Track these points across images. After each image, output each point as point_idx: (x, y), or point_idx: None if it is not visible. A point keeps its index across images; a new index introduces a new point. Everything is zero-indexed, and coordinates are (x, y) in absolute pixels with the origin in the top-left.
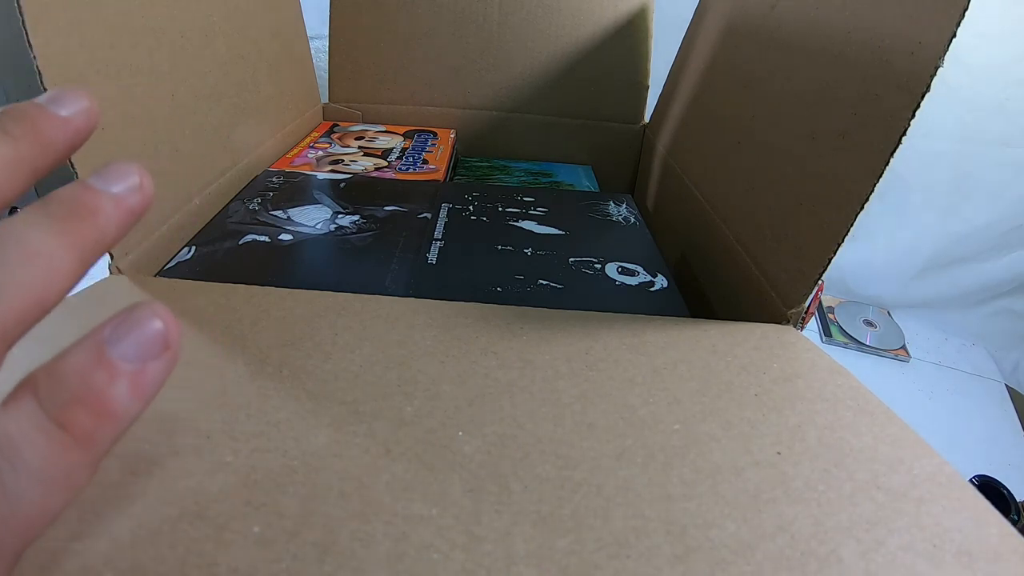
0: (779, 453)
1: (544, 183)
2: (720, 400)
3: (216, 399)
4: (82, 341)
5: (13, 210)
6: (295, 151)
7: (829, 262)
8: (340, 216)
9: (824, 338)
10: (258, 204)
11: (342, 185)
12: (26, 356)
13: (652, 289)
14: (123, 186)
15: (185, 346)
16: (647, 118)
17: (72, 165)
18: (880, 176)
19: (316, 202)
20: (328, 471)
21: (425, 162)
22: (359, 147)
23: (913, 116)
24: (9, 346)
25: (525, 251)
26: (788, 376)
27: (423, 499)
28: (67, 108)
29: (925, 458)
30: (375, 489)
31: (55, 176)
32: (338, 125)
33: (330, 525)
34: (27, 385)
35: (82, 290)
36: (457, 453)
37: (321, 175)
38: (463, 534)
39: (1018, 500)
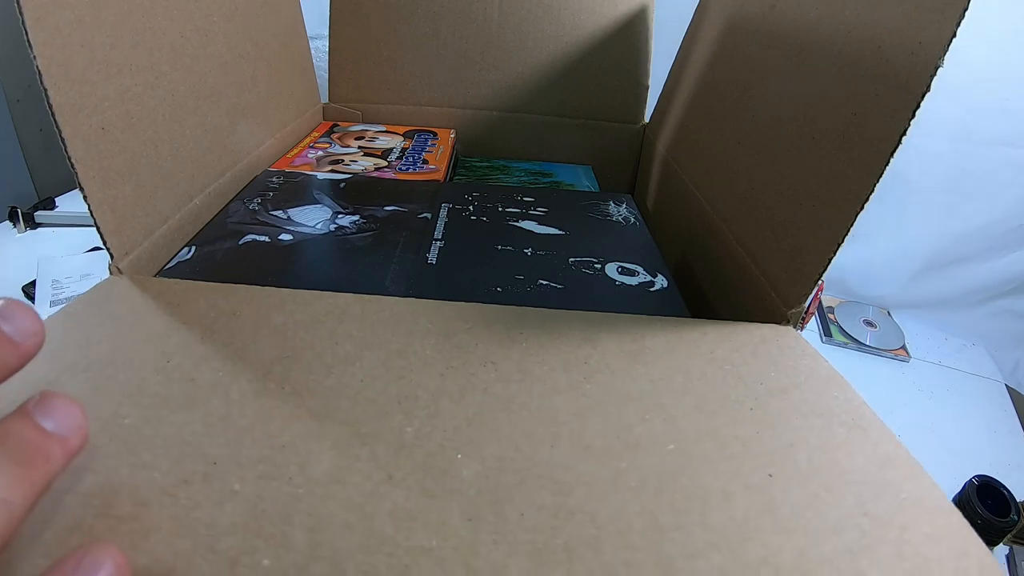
0: (770, 475)
1: (544, 183)
2: (716, 418)
3: (221, 421)
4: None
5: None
6: (295, 151)
7: (829, 262)
8: (340, 216)
9: (824, 338)
10: (258, 204)
11: (342, 185)
12: (30, 375)
13: (652, 289)
14: (69, 428)
15: (187, 361)
16: (647, 118)
17: (73, 165)
18: (880, 176)
19: (316, 202)
20: (332, 500)
21: (425, 162)
22: (359, 147)
23: (913, 116)
24: None
25: (525, 251)
26: (784, 387)
27: (424, 528)
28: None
29: (913, 479)
30: (378, 518)
31: (60, 174)
32: (338, 125)
33: (336, 558)
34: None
35: (83, 296)
36: (456, 478)
37: (321, 175)
38: (461, 567)
39: (1018, 500)
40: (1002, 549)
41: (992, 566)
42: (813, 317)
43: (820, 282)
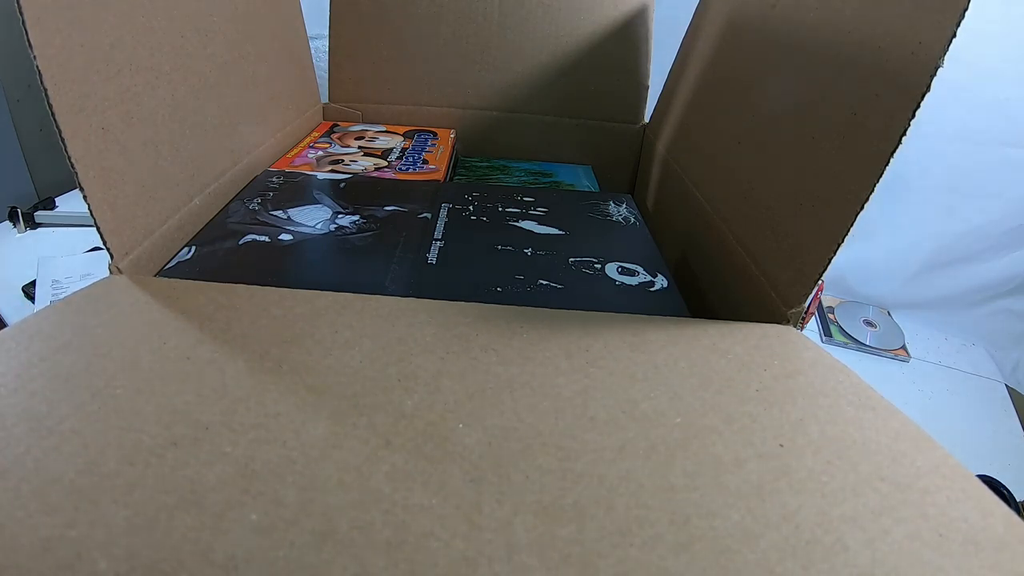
0: (781, 446)
1: (544, 183)
2: (721, 395)
3: (215, 393)
4: None
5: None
6: (295, 151)
7: (829, 262)
8: (340, 216)
9: (824, 338)
10: (258, 204)
11: (342, 185)
12: (25, 352)
13: (652, 289)
14: None
15: (184, 343)
16: (647, 118)
17: (73, 165)
18: (880, 176)
19: (316, 202)
20: (327, 461)
21: (425, 162)
22: (359, 147)
23: (913, 116)
24: None
25: (525, 251)
26: (789, 373)
27: (423, 489)
28: None
29: (928, 451)
30: (375, 479)
31: (60, 174)
32: (338, 125)
33: (329, 514)
34: None
35: (82, 289)
36: (457, 444)
37: (321, 175)
38: (464, 523)
39: (1018, 500)
40: None
41: (1017, 524)
42: (813, 317)
43: (820, 282)
